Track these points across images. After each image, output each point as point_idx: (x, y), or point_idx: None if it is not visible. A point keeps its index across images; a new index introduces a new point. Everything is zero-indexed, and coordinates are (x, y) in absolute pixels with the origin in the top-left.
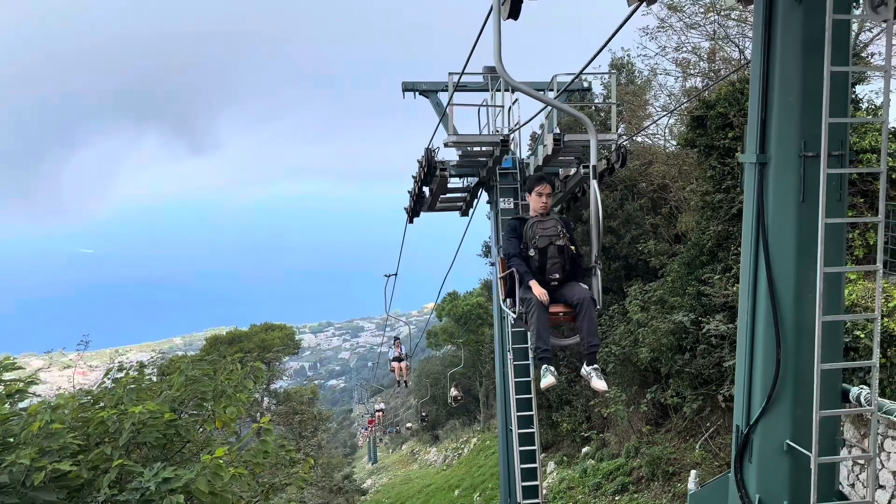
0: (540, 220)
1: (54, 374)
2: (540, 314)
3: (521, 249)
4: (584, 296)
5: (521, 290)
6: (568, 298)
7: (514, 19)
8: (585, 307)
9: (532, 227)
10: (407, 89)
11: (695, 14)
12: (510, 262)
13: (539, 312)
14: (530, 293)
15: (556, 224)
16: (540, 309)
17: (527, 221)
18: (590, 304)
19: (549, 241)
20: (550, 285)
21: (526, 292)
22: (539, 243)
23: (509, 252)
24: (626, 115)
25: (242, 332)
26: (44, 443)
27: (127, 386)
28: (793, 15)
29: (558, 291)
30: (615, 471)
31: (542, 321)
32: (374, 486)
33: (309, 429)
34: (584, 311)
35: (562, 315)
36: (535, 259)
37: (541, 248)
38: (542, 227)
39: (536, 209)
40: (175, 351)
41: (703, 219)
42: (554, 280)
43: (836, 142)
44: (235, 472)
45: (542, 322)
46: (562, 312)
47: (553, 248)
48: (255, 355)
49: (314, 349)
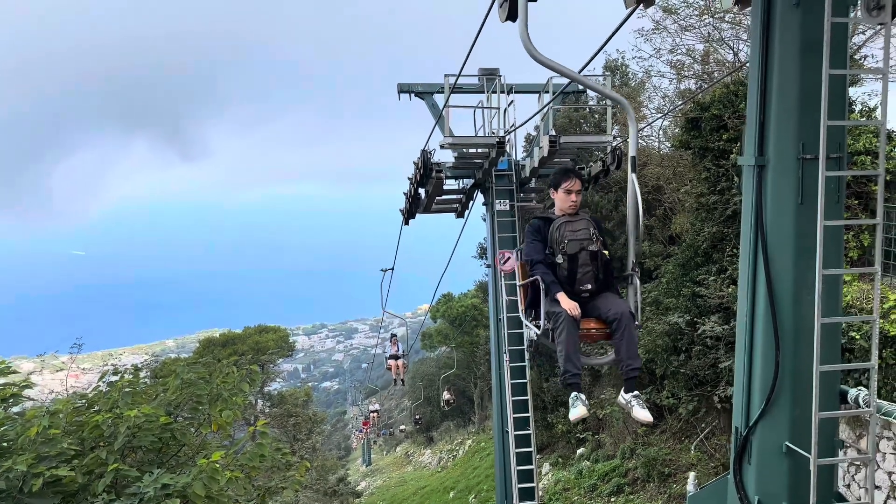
0: (568, 220)
1: (46, 377)
2: (570, 332)
3: (547, 254)
4: (621, 310)
5: (546, 303)
6: (602, 313)
7: (512, 21)
8: (624, 324)
9: (560, 230)
10: (403, 91)
11: (689, 16)
12: (534, 269)
13: (569, 329)
14: (558, 307)
15: (587, 226)
16: (570, 325)
17: (553, 222)
18: (629, 320)
19: (581, 245)
20: (581, 297)
21: (553, 305)
22: (568, 249)
23: (533, 257)
24: (620, 117)
25: (236, 334)
26: (41, 448)
27: (122, 389)
28: (791, 18)
29: (590, 304)
30: (610, 472)
31: (572, 340)
32: (368, 489)
33: (303, 431)
34: (622, 328)
35: (595, 332)
36: (563, 267)
37: (570, 255)
38: (572, 229)
39: (564, 209)
40: (167, 353)
41: (698, 220)
42: (586, 291)
43: (835, 144)
44: (232, 475)
45: (573, 341)
46: (595, 329)
47: (585, 254)
48: (250, 358)
49: (308, 351)
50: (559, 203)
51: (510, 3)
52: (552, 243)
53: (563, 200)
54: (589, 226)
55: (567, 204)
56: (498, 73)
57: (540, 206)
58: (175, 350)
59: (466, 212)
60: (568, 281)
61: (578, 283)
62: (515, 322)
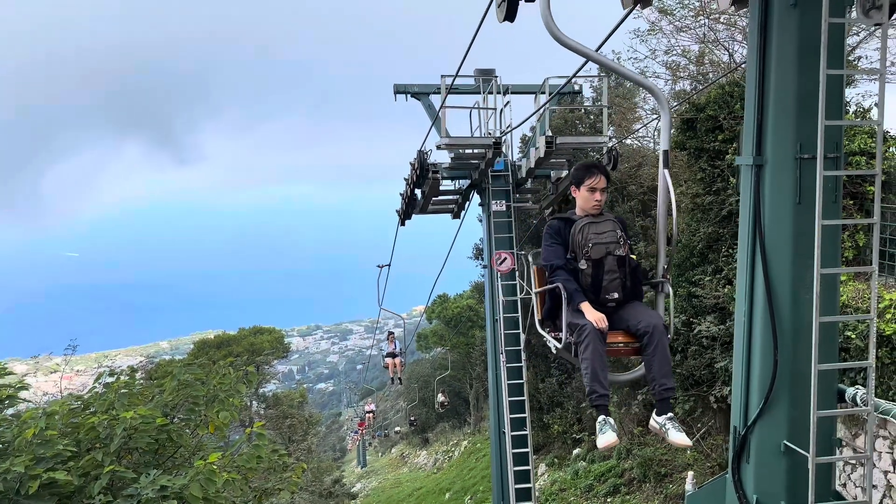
0: (592, 221)
1: (40, 378)
2: (596, 347)
3: (568, 259)
4: (653, 323)
5: (568, 314)
6: (631, 325)
7: (510, 21)
8: (656, 338)
9: (582, 232)
10: (399, 92)
11: (684, 17)
12: (554, 275)
13: (595, 344)
14: (583, 318)
15: (613, 227)
16: (596, 340)
17: (574, 224)
18: (661, 333)
19: (606, 250)
20: (607, 307)
21: (576, 316)
22: (593, 253)
23: (553, 262)
24: (616, 117)
25: (231, 335)
26: (38, 450)
27: (118, 391)
28: (788, 18)
29: (617, 315)
30: (607, 472)
31: (598, 356)
32: (363, 490)
33: (299, 433)
34: (654, 343)
35: (623, 347)
36: (586, 273)
37: (595, 260)
38: (596, 231)
39: (587, 209)
40: (161, 355)
41: (694, 221)
42: (612, 301)
43: (832, 144)
44: (229, 476)
45: (599, 357)
46: (623, 344)
47: (611, 259)
48: (245, 359)
49: (302, 352)
50: (581, 202)
51: (508, 4)
52: (574, 247)
53: (586, 199)
54: (615, 227)
55: (590, 203)
56: (494, 74)
57: (536, 206)
58: (169, 352)
59: (463, 212)
60: (592, 289)
61: (604, 292)
62: (512, 323)
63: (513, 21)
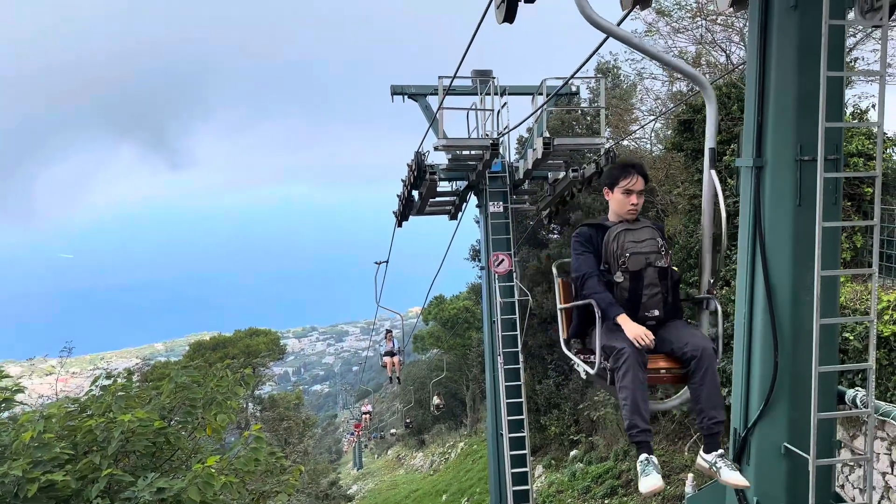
0: (628, 228)
1: (35, 381)
2: (636, 374)
3: (602, 271)
4: (701, 346)
5: (602, 333)
6: (675, 348)
7: (509, 23)
8: (705, 364)
9: (618, 240)
10: (396, 93)
11: (682, 19)
12: (585, 286)
13: (635, 371)
14: (619, 339)
15: (653, 235)
16: (636, 365)
17: (608, 231)
18: (711, 358)
19: (647, 260)
20: (645, 325)
21: (612, 338)
22: (631, 264)
23: (584, 271)
24: (613, 119)
25: (227, 337)
26: (35, 453)
27: (115, 394)
28: (788, 20)
29: (657, 336)
30: (604, 474)
31: (639, 385)
32: (360, 492)
33: (295, 435)
34: (702, 369)
35: (665, 374)
36: (623, 287)
37: (633, 272)
38: (634, 239)
39: (622, 213)
40: (156, 357)
41: (691, 222)
42: (652, 319)
43: (832, 146)
44: (226, 479)
45: (640, 386)
46: (665, 370)
47: (652, 271)
48: (241, 361)
49: (298, 354)
50: (616, 206)
51: (508, 5)
52: (608, 257)
53: (621, 203)
54: (655, 235)
55: (626, 208)
56: (491, 75)
57: (533, 208)
58: (164, 353)
59: (460, 214)
60: (629, 306)
61: (643, 309)
62: (509, 324)
63: (512, 22)
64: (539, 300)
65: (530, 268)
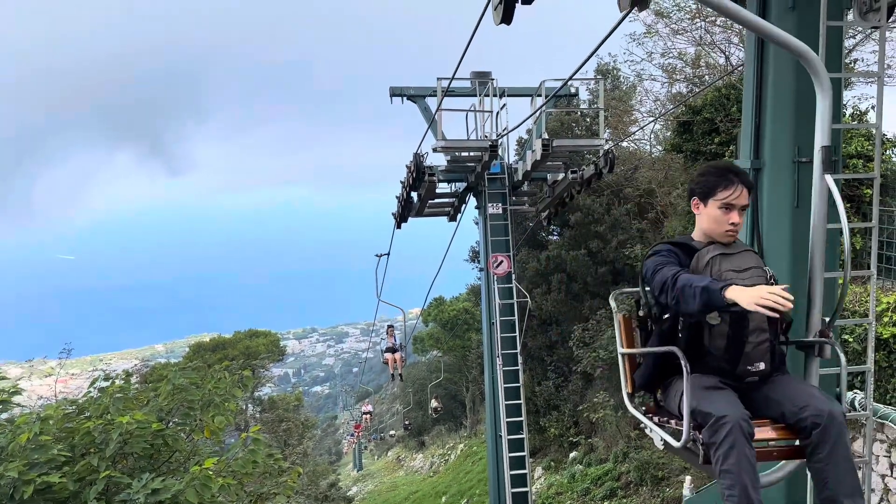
0: (725, 254)
1: (34, 382)
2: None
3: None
4: (825, 410)
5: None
6: (788, 412)
7: (507, 24)
8: (833, 435)
9: (711, 267)
10: (395, 94)
11: (681, 20)
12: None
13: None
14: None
15: (758, 262)
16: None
17: (697, 254)
18: (840, 426)
19: None
20: (746, 382)
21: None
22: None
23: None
24: (612, 120)
25: (226, 338)
26: (32, 455)
27: (113, 395)
28: (786, 21)
29: (761, 396)
30: (603, 476)
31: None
32: (359, 494)
33: (294, 436)
34: (829, 441)
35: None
36: (718, 333)
37: (736, 313)
38: (734, 267)
39: (717, 235)
40: (157, 358)
41: (690, 224)
42: (754, 374)
43: (830, 148)
44: (224, 482)
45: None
46: (775, 442)
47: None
48: (241, 362)
49: (298, 355)
50: (708, 224)
51: (505, 6)
52: None
53: (716, 221)
54: (760, 262)
55: (723, 228)
56: (490, 77)
57: (532, 209)
58: (164, 355)
59: (459, 215)
60: (727, 357)
61: (746, 362)
62: (508, 326)
63: (509, 24)
64: (539, 301)
65: (530, 269)
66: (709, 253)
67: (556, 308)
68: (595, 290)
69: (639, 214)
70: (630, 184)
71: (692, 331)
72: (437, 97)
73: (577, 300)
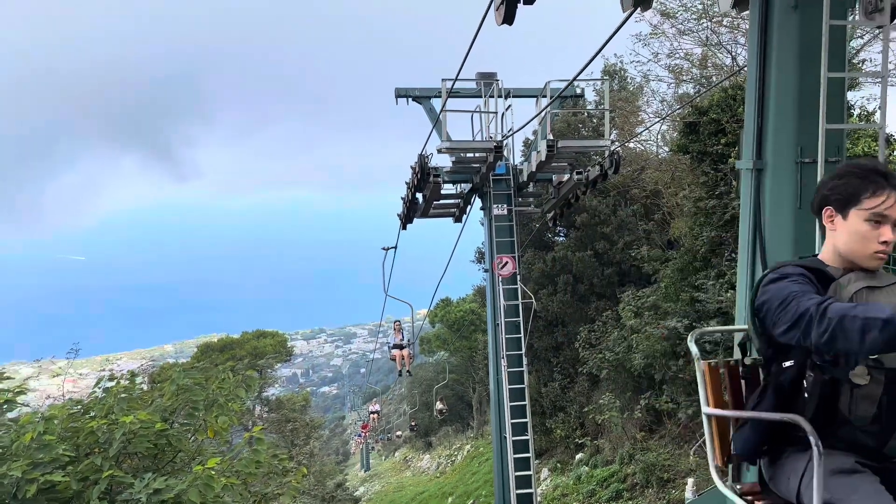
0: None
1: (44, 381)
2: None
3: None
4: None
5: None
6: None
7: (508, 24)
8: None
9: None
10: (400, 95)
11: (687, 20)
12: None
13: None
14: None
15: None
16: None
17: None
18: None
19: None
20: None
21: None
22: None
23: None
24: (619, 121)
25: (234, 339)
26: (35, 454)
27: (118, 395)
28: (789, 21)
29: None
30: (609, 477)
31: None
32: (366, 494)
33: (301, 436)
34: None
35: None
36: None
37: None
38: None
39: (862, 258)
40: (166, 358)
41: (696, 225)
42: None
43: (833, 148)
44: (227, 481)
45: None
46: None
47: None
48: (248, 362)
49: (306, 356)
50: (852, 242)
51: (507, 7)
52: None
53: (864, 239)
54: None
55: (871, 248)
56: (495, 78)
57: (538, 210)
58: (174, 355)
59: (464, 216)
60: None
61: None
62: (513, 327)
63: (511, 24)
64: (545, 303)
65: (536, 270)
66: (853, 284)
67: (563, 309)
68: (601, 291)
69: (645, 215)
70: (637, 185)
71: (826, 389)
72: (441, 98)
73: (583, 301)
